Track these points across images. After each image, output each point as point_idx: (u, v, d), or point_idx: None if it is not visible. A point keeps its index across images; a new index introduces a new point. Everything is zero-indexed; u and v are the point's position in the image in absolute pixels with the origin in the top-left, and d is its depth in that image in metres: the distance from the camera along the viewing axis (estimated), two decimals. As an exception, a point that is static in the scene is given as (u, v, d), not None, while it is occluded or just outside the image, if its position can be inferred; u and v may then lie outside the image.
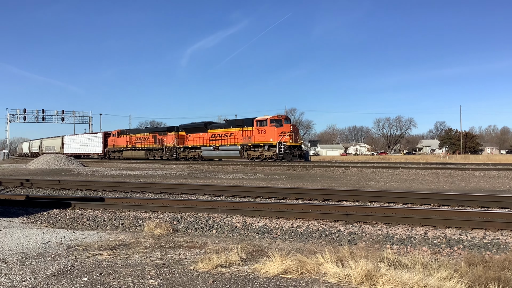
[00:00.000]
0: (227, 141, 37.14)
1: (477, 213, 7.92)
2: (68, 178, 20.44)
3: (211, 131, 39.07)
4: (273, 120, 33.80)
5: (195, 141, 40.27)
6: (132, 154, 48.37)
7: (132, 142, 48.97)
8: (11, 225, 7.99)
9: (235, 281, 4.19)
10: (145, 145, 46.74)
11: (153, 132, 46.74)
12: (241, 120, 37.04)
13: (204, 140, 39.33)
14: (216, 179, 19.09)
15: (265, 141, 33.87)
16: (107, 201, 10.71)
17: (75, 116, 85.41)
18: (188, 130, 41.61)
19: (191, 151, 40.97)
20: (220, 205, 9.61)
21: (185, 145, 41.45)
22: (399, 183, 16.25)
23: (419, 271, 4.17)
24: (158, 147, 44.72)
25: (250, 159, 35.06)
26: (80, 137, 61.64)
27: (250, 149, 35.15)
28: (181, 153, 41.96)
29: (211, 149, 38.49)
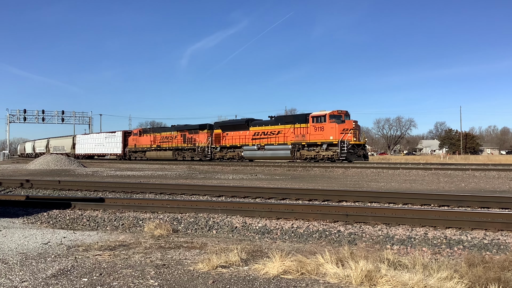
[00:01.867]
0: (275, 139, 33.46)
1: (477, 213, 7.92)
2: (68, 178, 20.44)
3: (254, 128, 35.32)
4: (333, 116, 30.15)
5: (234, 140, 36.48)
6: (157, 155, 44.53)
7: (157, 142, 45.06)
8: (11, 225, 8.00)
9: (235, 282, 4.19)
10: (173, 145, 42.69)
11: (182, 130, 42.50)
12: (292, 116, 33.65)
13: (245, 138, 35.60)
14: (216, 180, 19.09)
15: (323, 140, 30.16)
16: (107, 202, 10.71)
17: (75, 116, 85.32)
18: (225, 128, 37.78)
19: (229, 151, 37.32)
20: (220, 205, 9.61)
21: (222, 144, 37.62)
22: (399, 183, 16.25)
23: (419, 272, 4.16)
24: (189, 146, 40.89)
25: (303, 159, 31.62)
26: (95, 136, 57.62)
27: (304, 148, 31.60)
28: (216, 153, 38.31)
29: (254, 149, 34.84)
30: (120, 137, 51.36)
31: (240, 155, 36.25)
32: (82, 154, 57.72)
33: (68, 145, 62.57)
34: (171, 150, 42.75)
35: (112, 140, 52.90)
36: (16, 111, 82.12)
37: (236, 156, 36.66)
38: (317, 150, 30.87)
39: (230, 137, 36.92)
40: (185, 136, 41.54)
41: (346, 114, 30.77)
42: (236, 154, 36.63)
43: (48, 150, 67.58)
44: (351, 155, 29.23)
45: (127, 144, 49.88)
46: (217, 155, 38.23)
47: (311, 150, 31.26)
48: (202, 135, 39.70)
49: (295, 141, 32.01)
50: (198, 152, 39.68)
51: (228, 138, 37.17)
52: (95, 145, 55.76)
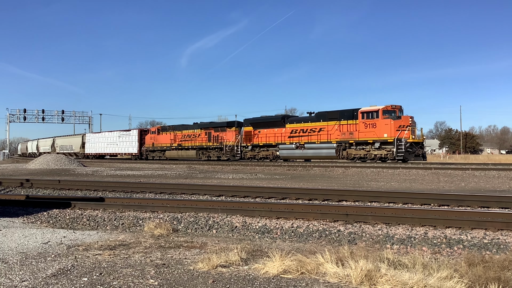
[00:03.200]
0: (317, 137, 30.68)
1: (477, 213, 7.92)
2: (68, 178, 20.44)
3: (291, 125, 32.63)
4: (387, 111, 27.57)
5: (268, 138, 33.75)
6: (178, 154, 41.72)
7: (178, 140, 42.06)
8: (11, 225, 8.00)
9: (235, 281, 4.19)
10: (196, 144, 39.90)
11: (206, 128, 39.67)
12: (337, 112, 30.18)
13: (281, 136, 32.93)
14: (216, 179, 19.09)
15: (376, 137, 27.45)
16: (107, 201, 10.71)
17: (75, 116, 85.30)
18: (257, 125, 34.90)
19: (262, 150, 34.65)
20: (220, 205, 9.61)
21: (254, 142, 34.84)
22: (399, 183, 16.25)
23: (419, 271, 4.17)
24: (215, 145, 38.13)
25: (351, 159, 29.13)
26: (107, 135, 54.67)
27: (351, 147, 29.02)
28: (247, 152, 35.50)
29: (291, 148, 32.11)
30: (136, 136, 48.52)
31: (275, 154, 33.77)
32: (92, 153, 55.69)
33: (77, 144, 60.21)
34: (195, 149, 40.13)
35: (126, 138, 50.19)
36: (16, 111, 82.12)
37: (270, 155, 34.20)
38: (367, 149, 28.34)
39: (264, 135, 34.20)
40: (210, 134, 38.81)
41: (400, 109, 28.23)
42: (271, 153, 34.10)
43: (54, 149, 65.27)
44: (409, 154, 26.69)
45: (144, 143, 47.31)
46: (248, 154, 35.58)
47: (360, 149, 28.72)
48: (230, 133, 37.20)
49: (341, 139, 29.36)
50: (226, 151, 37.06)
51: (260, 136, 34.48)
52: (107, 144, 53.27)
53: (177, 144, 42.08)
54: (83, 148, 58.17)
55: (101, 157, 54.76)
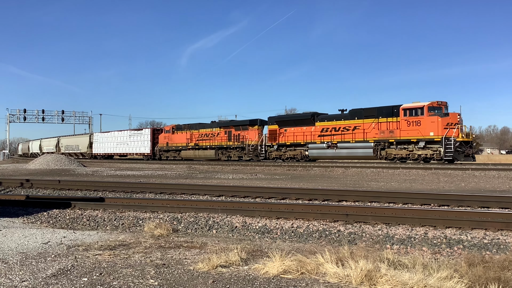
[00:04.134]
0: (351, 136, 28.72)
1: (477, 213, 7.92)
2: (68, 178, 20.44)
3: (321, 124, 30.54)
4: (433, 108, 25.47)
5: (296, 137, 31.72)
6: (195, 154, 39.85)
7: (194, 140, 40.05)
8: (11, 225, 8.00)
9: (235, 281, 4.19)
10: (215, 143, 37.94)
11: (226, 126, 37.76)
12: (375, 109, 27.86)
13: (310, 135, 30.91)
14: (216, 179, 19.09)
15: (420, 136, 25.41)
16: (107, 201, 10.71)
17: (75, 116, 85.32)
18: (283, 123, 33.00)
19: (289, 149, 32.64)
20: (220, 205, 9.62)
21: (279, 142, 32.91)
22: (399, 183, 16.25)
23: (419, 271, 4.17)
24: (235, 145, 36.22)
25: (390, 159, 27.08)
26: (116, 134, 52.47)
27: (391, 146, 26.97)
28: (272, 152, 33.57)
29: (322, 147, 30.08)
30: (149, 135, 46.41)
31: (303, 154, 31.71)
32: (100, 153, 53.92)
33: (84, 144, 58.25)
34: (213, 149, 38.10)
35: (138, 138, 48.08)
36: (16, 111, 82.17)
37: (298, 155, 32.10)
38: (410, 149, 26.36)
39: (291, 134, 32.16)
40: (231, 133, 36.82)
41: (446, 106, 26.11)
42: (299, 153, 32.02)
43: (59, 149, 63.29)
44: (459, 154, 24.63)
45: (157, 142, 45.20)
46: (273, 154, 33.59)
47: (401, 149, 26.73)
48: (253, 131, 35.31)
49: (380, 138, 27.24)
50: (248, 151, 35.08)
51: (287, 134, 32.44)
52: (117, 143, 51.35)
53: (193, 143, 40.14)
54: (90, 148, 56.33)
55: (110, 157, 53.18)
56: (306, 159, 31.59)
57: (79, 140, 60.68)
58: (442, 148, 24.69)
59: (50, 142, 69.27)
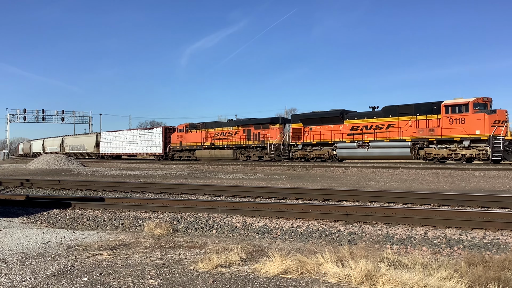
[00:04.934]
0: (385, 135, 27.03)
1: (477, 213, 7.92)
2: (68, 178, 20.45)
3: (351, 121, 28.97)
4: (478, 104, 23.88)
5: (323, 136, 30.03)
6: (211, 154, 38.15)
7: (210, 139, 38.42)
8: (11, 225, 8.00)
9: (235, 281, 4.19)
10: (233, 142, 36.32)
11: (245, 125, 36.07)
12: (411, 106, 26.27)
13: (339, 134, 29.32)
14: (216, 179, 19.10)
15: (464, 134, 23.79)
16: (107, 201, 10.72)
17: (75, 116, 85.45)
18: (308, 121, 31.20)
19: (315, 149, 30.95)
20: (220, 205, 9.62)
21: (304, 141, 31.24)
22: (399, 183, 16.26)
23: (419, 271, 4.17)
24: (255, 144, 34.55)
25: (430, 159, 25.38)
26: (125, 134, 50.89)
27: (430, 145, 25.31)
28: (296, 152, 31.82)
29: (352, 146, 28.49)
30: (160, 134, 44.70)
31: (331, 154, 30.10)
32: (108, 153, 52.52)
33: (90, 144, 56.64)
34: (231, 149, 36.41)
35: (149, 137, 46.46)
36: (16, 111, 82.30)
37: (325, 155, 30.41)
38: (452, 148, 24.68)
39: (317, 132, 30.52)
40: (250, 132, 35.19)
41: (491, 102, 24.63)
42: (326, 153, 30.35)
43: (63, 149, 62.04)
44: (508, 154, 23.11)
45: (169, 142, 43.56)
46: (297, 154, 31.83)
47: (442, 148, 25.02)
48: (274, 130, 33.70)
49: (418, 137, 25.59)
50: (269, 150, 33.40)
51: (313, 133, 30.81)
52: (126, 143, 49.74)
53: (209, 143, 38.41)
54: (97, 147, 54.81)
55: (118, 157, 51.79)
56: (334, 159, 30.02)
57: (85, 140, 59.24)
58: (489, 148, 23.20)
59: (54, 141, 67.71)
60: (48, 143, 69.47)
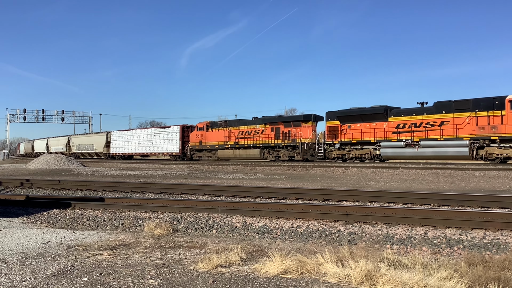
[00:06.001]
0: (438, 132, 24.80)
1: (477, 213, 7.92)
2: (68, 178, 20.45)
3: (397, 118, 26.73)
4: None
5: (364, 134, 27.94)
6: (235, 154, 36.00)
7: (233, 138, 36.25)
8: (11, 225, 8.00)
9: (235, 281, 4.19)
10: (260, 141, 34.20)
11: (273, 123, 33.91)
12: (468, 101, 24.09)
13: (383, 132, 27.08)
14: (216, 179, 19.09)
15: None
16: (107, 201, 10.72)
17: (75, 116, 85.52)
18: (346, 118, 29.02)
19: (354, 148, 28.81)
20: (220, 205, 9.62)
21: (342, 139, 29.13)
22: (399, 183, 16.26)
23: (419, 271, 4.17)
24: (286, 143, 32.43)
25: (491, 160, 23.40)
26: (138, 133, 48.69)
27: (492, 144, 23.24)
28: (333, 152, 29.64)
29: (399, 146, 26.21)
30: (178, 133, 42.17)
31: (374, 153, 27.86)
32: (120, 153, 50.37)
33: (100, 144, 54.37)
34: (258, 148, 34.29)
35: (165, 136, 44.08)
36: (16, 111, 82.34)
37: (366, 155, 28.28)
38: None
39: (356, 130, 28.36)
40: (279, 130, 33.11)
41: None
42: (368, 152, 28.19)
43: (69, 149, 60.10)
44: None
45: (187, 141, 41.29)
46: (334, 154, 29.71)
47: (506, 147, 22.85)
48: (306, 128, 31.52)
49: (477, 135, 23.42)
50: (302, 150, 31.08)
51: (352, 131, 28.65)
52: (139, 142, 47.62)
53: (233, 142, 36.18)
54: (107, 147, 52.57)
55: (130, 157, 50.12)
56: (377, 159, 27.78)
57: (94, 139, 56.79)
58: None
59: (59, 141, 65.20)
60: (52, 143, 67.07)
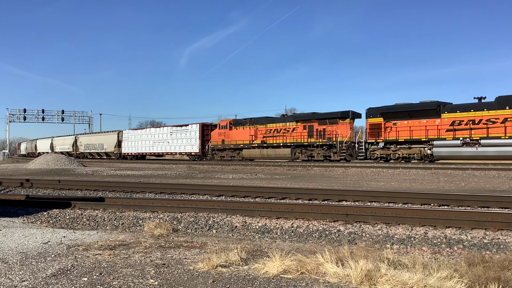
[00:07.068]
0: (502, 130, 22.82)
1: (477, 213, 7.92)
2: (68, 178, 20.45)
3: (451, 115, 24.76)
4: None
5: (412, 132, 25.90)
6: (262, 153, 34.08)
7: (260, 136, 34.33)
8: (11, 225, 8.00)
9: (235, 281, 4.19)
10: (290, 140, 32.39)
11: (306, 120, 32.05)
12: None
13: (435, 130, 25.09)
14: (216, 179, 19.09)
15: None
16: (107, 201, 10.72)
17: (75, 116, 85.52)
18: (392, 115, 26.99)
19: (401, 147, 26.88)
20: (220, 205, 9.62)
21: (386, 138, 27.07)
22: (399, 183, 16.26)
23: (419, 271, 4.17)
24: (321, 142, 30.50)
25: None
26: (153, 132, 46.68)
27: None
28: (376, 151, 27.81)
29: (455, 145, 24.21)
30: (197, 131, 40.13)
31: (424, 153, 25.88)
32: (132, 153, 48.59)
33: (111, 143, 52.51)
34: (289, 147, 32.45)
35: (183, 135, 41.98)
36: (16, 111, 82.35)
37: (416, 154, 26.26)
38: None
39: (404, 128, 26.31)
40: (312, 128, 31.29)
41: None
42: (418, 152, 26.16)
43: (77, 148, 58.51)
44: None
45: (207, 140, 39.51)
46: (377, 153, 27.82)
47: None
48: (344, 126, 29.78)
49: None
50: (339, 149, 29.26)
51: (398, 129, 26.61)
52: (153, 142, 45.71)
53: (259, 140, 34.21)
54: (118, 147, 50.79)
55: (142, 157, 48.70)
56: (428, 159, 25.79)
57: (104, 139, 54.64)
58: None
59: (65, 140, 63.05)
60: (58, 142, 64.82)
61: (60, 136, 66.82)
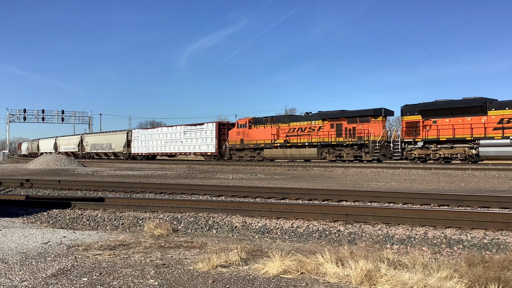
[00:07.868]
0: None
1: (477, 213, 7.92)
2: (68, 178, 20.45)
3: (500, 112, 22.92)
4: None
5: (455, 130, 24.26)
6: (285, 154, 32.40)
7: (283, 135, 32.75)
8: (11, 225, 8.00)
9: (235, 281, 4.19)
10: (316, 139, 30.57)
11: (334, 118, 30.23)
12: None
13: (482, 128, 23.43)
14: (216, 179, 19.09)
15: None
16: (107, 201, 10.72)
17: (75, 116, 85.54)
18: (431, 112, 25.29)
19: (443, 147, 25.18)
20: (220, 205, 9.62)
21: (426, 137, 25.38)
22: (399, 183, 16.26)
23: (419, 271, 4.17)
24: (351, 141, 28.86)
25: None
26: (165, 131, 44.60)
27: None
28: (414, 151, 26.09)
29: (505, 144, 22.60)
30: (213, 131, 38.39)
31: (469, 153, 24.30)
32: (142, 153, 46.79)
33: (119, 143, 50.76)
34: (315, 147, 30.66)
35: (198, 134, 40.15)
36: (16, 111, 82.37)
37: (460, 154, 24.56)
38: None
39: (446, 126, 24.66)
40: (341, 127, 29.68)
41: None
42: (461, 152, 24.47)
43: (82, 148, 57.14)
44: None
45: (224, 139, 37.88)
46: (415, 154, 26.10)
47: None
48: (376, 124, 28.09)
49: None
50: (372, 149, 27.59)
51: (439, 127, 24.94)
52: (165, 141, 43.91)
53: (282, 140, 32.62)
54: (127, 147, 49.20)
55: (153, 157, 47.10)
56: (473, 159, 24.25)
57: (112, 138, 52.86)
58: None
59: (70, 140, 61.62)
60: (62, 142, 63.21)
61: (64, 136, 65.47)
